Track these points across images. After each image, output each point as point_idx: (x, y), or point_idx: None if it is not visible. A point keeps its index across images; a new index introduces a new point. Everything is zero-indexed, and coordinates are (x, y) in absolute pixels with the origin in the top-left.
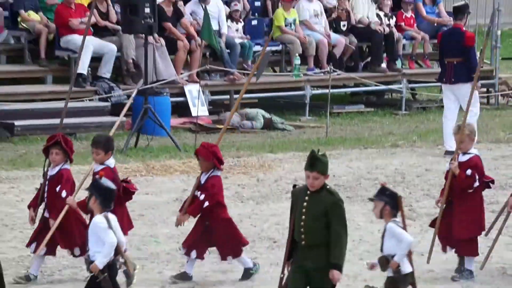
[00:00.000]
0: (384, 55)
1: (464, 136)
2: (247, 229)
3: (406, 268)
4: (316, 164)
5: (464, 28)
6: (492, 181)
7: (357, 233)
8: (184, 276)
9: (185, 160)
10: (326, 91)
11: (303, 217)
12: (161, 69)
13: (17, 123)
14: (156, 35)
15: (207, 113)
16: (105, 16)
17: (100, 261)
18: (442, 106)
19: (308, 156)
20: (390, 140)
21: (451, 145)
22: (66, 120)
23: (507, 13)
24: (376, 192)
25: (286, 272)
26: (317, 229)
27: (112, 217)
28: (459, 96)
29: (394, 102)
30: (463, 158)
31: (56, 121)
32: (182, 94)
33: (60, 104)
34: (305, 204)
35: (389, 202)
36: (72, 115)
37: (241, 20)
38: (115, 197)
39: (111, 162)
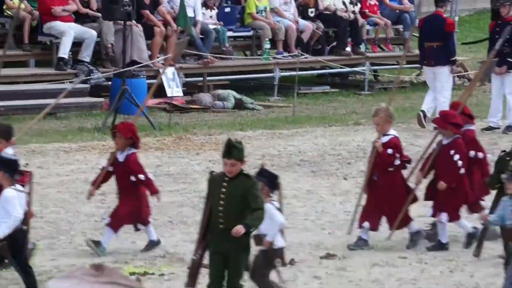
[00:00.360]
0: (349, 39)
1: (381, 119)
2: None
3: (278, 243)
4: (233, 151)
5: (444, 15)
6: (409, 161)
7: (320, 204)
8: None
9: (160, 137)
10: (294, 73)
11: (222, 202)
12: (139, 53)
13: (1, 103)
14: (134, 22)
15: (181, 94)
16: (86, 3)
17: (3, 231)
18: (403, 87)
19: (225, 144)
20: (353, 119)
21: None
22: (48, 101)
23: (464, 1)
24: (256, 173)
25: (198, 254)
26: (235, 213)
27: (20, 190)
28: (438, 77)
29: (357, 83)
30: (383, 139)
31: (38, 101)
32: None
33: (41, 86)
34: (223, 190)
35: (267, 182)
36: (53, 96)
37: (215, 7)
38: (19, 167)
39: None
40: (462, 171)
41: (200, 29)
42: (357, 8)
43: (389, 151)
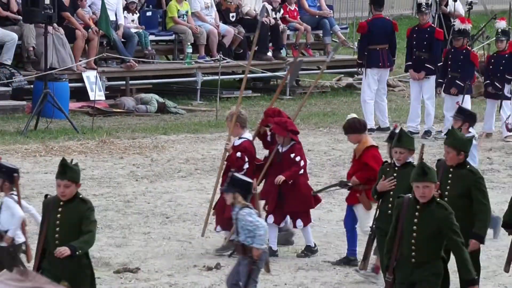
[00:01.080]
0: (270, 44)
1: (231, 123)
2: (141, 205)
3: (19, 238)
4: (67, 172)
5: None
6: (261, 165)
7: None
8: None
9: (83, 141)
10: (216, 77)
11: (57, 229)
12: (60, 56)
13: None
14: (55, 25)
15: (103, 98)
16: (6, 6)
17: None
18: (324, 92)
19: (59, 164)
20: None
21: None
22: None
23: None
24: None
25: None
26: (71, 238)
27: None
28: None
29: None
30: (236, 142)
31: None
32: (81, 80)
33: None
34: (58, 215)
35: (5, 177)
36: None
37: (136, 11)
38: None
39: None
40: (302, 171)
41: (122, 33)
42: (279, 15)
43: (238, 154)
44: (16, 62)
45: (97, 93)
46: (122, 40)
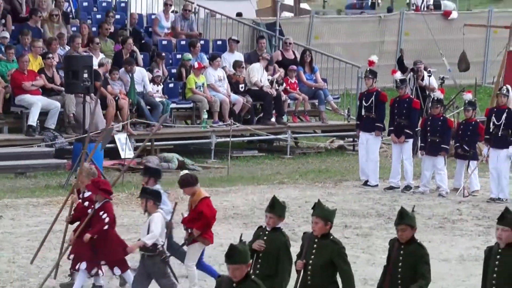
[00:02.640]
0: (273, 111)
1: (82, 176)
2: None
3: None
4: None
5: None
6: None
7: None
8: None
9: (114, 194)
10: (228, 139)
11: None
12: (96, 121)
13: None
14: (92, 95)
15: (132, 156)
16: (51, 79)
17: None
18: (319, 152)
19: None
20: (278, 178)
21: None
22: (19, 162)
23: None
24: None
25: None
26: None
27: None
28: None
29: (281, 149)
30: (86, 194)
31: (11, 163)
32: (113, 141)
33: (14, 150)
34: None
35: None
36: (24, 157)
37: (161, 83)
38: None
39: None
40: (107, 227)
41: (148, 102)
42: (281, 88)
43: (86, 203)
44: (59, 126)
45: (127, 152)
46: (148, 107)
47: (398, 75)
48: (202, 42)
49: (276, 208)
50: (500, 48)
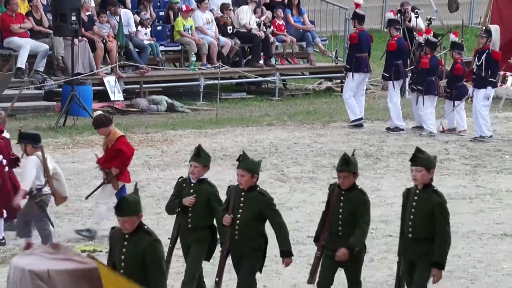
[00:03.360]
0: (261, 53)
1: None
2: (154, 190)
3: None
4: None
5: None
6: (17, 160)
7: None
8: None
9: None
10: (216, 81)
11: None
12: (84, 63)
13: None
14: (80, 37)
15: (122, 99)
16: (39, 22)
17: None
18: (307, 94)
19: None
20: (266, 120)
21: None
22: (8, 104)
23: None
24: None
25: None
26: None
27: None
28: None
29: (269, 91)
30: None
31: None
32: (102, 84)
33: (3, 92)
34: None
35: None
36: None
37: (149, 26)
38: None
39: None
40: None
41: (136, 44)
42: (269, 30)
43: None
44: (48, 69)
45: (116, 95)
46: (137, 50)
47: (390, 14)
48: None
49: (201, 156)
50: None
